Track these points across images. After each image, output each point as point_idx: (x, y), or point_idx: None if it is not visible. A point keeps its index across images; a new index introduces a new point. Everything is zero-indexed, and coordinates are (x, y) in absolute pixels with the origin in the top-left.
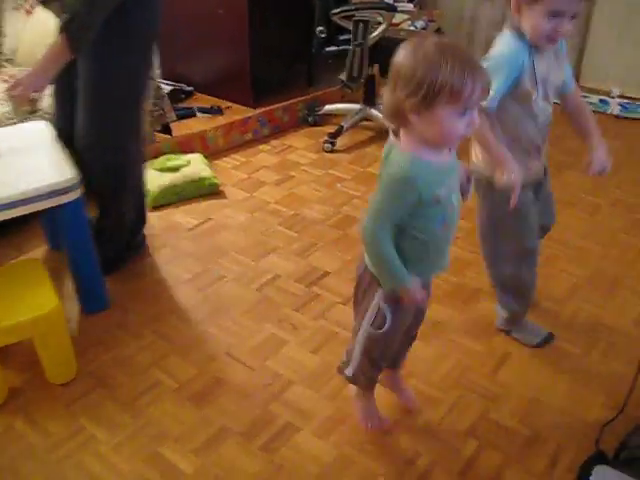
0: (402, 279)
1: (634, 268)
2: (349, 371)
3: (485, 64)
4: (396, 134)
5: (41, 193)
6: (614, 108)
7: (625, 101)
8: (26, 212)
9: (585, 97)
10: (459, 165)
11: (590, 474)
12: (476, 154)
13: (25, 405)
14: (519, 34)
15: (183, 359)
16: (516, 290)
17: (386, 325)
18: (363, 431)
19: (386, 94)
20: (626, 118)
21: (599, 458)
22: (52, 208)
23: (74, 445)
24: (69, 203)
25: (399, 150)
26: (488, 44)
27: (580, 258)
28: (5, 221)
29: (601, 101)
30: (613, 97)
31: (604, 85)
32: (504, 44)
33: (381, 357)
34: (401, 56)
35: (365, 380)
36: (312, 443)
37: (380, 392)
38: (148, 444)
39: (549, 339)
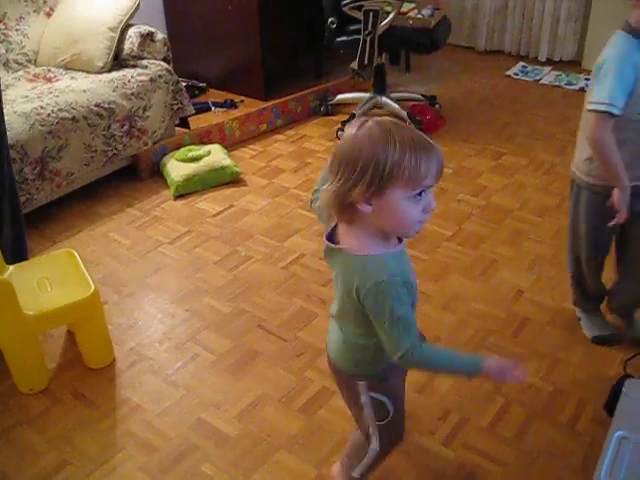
0: (475, 365)
1: None
2: (357, 472)
3: (595, 69)
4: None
5: None
6: None
7: None
8: None
9: (587, 79)
10: None
11: (621, 388)
12: (582, 158)
13: (70, 382)
14: (633, 34)
15: (218, 333)
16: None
17: (390, 410)
18: None
19: (329, 185)
20: None
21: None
22: None
23: (121, 414)
24: None
25: (355, 254)
26: (489, 32)
27: None
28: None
29: None
30: None
31: None
32: (613, 46)
33: (397, 436)
34: (343, 140)
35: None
36: None
37: None
38: (191, 412)
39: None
